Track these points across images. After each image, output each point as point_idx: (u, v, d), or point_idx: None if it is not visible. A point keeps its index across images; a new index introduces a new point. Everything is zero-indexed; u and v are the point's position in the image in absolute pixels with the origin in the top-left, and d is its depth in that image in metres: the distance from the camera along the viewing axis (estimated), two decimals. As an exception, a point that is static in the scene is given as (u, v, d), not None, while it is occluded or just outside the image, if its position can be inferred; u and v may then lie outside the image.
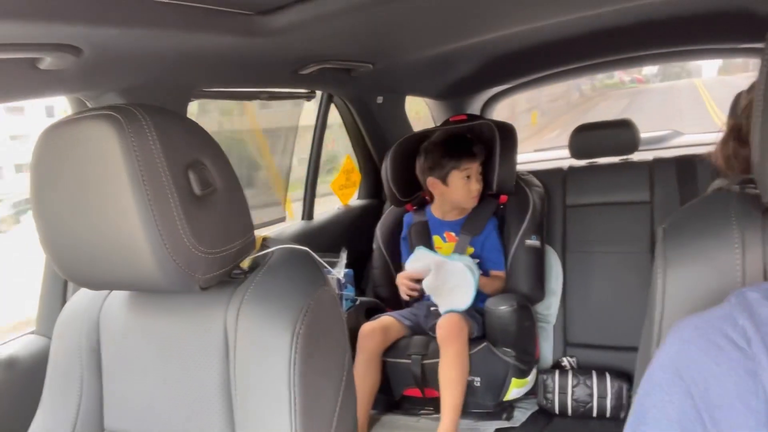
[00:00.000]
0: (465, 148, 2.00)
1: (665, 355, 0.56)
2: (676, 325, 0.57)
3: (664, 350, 0.56)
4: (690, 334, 0.55)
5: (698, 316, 0.56)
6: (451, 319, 1.80)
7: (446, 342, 1.77)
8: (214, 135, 0.80)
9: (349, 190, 2.47)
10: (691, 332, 0.55)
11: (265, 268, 0.83)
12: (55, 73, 1.01)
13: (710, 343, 0.53)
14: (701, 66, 13.72)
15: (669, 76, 14.02)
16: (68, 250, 0.75)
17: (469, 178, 1.99)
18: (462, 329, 1.78)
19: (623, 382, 1.90)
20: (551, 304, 2.13)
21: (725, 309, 0.55)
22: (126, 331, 0.87)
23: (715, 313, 0.56)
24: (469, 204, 2.04)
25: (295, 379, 0.74)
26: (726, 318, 0.54)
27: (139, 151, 0.69)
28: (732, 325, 0.53)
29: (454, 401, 1.73)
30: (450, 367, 1.75)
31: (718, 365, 0.52)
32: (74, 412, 0.89)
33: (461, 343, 1.77)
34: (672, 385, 0.53)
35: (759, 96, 0.60)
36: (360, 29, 1.41)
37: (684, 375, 0.53)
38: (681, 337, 0.55)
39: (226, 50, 1.25)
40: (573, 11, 1.59)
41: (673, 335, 0.56)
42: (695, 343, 0.54)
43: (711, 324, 0.55)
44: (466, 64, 2.25)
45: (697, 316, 0.56)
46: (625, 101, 10.70)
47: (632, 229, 2.09)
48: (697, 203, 0.79)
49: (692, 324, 0.56)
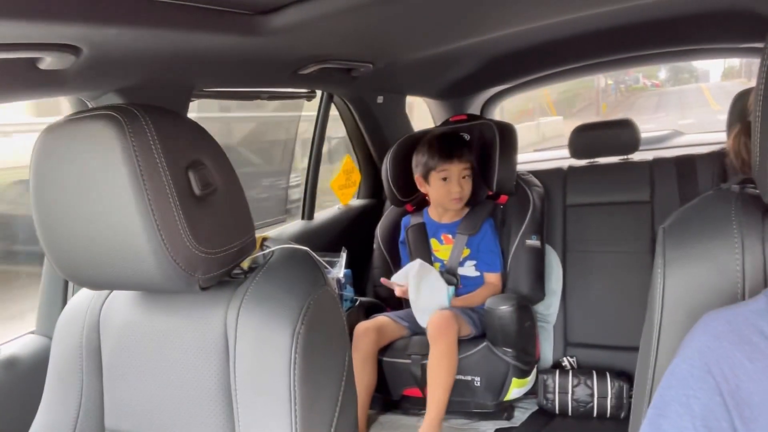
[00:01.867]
0: (443, 150, 1.98)
1: (692, 349, 0.53)
2: (706, 318, 0.54)
3: (691, 343, 0.53)
4: (722, 329, 0.52)
5: (730, 309, 0.53)
6: (441, 317, 1.81)
7: (435, 339, 1.78)
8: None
9: (349, 190, 2.47)
10: (723, 326, 0.52)
11: (265, 268, 0.83)
12: (55, 73, 1.01)
13: (743, 338, 0.51)
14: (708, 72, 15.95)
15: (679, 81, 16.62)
16: (68, 250, 0.75)
17: (445, 180, 1.98)
18: (451, 326, 1.78)
19: (624, 382, 1.90)
20: (551, 303, 2.13)
21: (760, 303, 0.52)
22: (126, 331, 0.87)
23: (749, 307, 0.53)
24: (449, 206, 2.03)
25: (296, 378, 0.74)
26: (761, 313, 0.52)
27: (139, 151, 0.69)
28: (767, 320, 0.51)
29: (439, 397, 1.74)
30: (437, 364, 1.76)
31: (751, 362, 0.49)
32: (75, 412, 0.89)
33: (450, 340, 1.77)
34: (699, 380, 0.51)
35: (758, 96, 0.60)
36: (360, 29, 1.41)
37: (714, 370, 0.50)
38: (711, 331, 0.52)
39: (227, 50, 1.25)
40: (573, 11, 1.59)
41: (703, 328, 0.53)
42: (727, 338, 0.51)
43: (745, 318, 0.52)
44: (466, 63, 2.25)
45: (728, 310, 0.53)
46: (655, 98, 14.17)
47: (632, 229, 2.09)
48: (697, 203, 0.79)
49: (724, 318, 0.53)
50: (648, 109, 12.66)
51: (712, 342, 0.52)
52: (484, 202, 2.10)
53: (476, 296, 1.98)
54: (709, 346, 0.52)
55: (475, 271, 2.04)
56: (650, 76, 15.59)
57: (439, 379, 1.75)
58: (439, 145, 2.00)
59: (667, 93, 14.65)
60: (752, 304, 0.53)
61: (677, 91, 14.62)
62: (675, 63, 8.03)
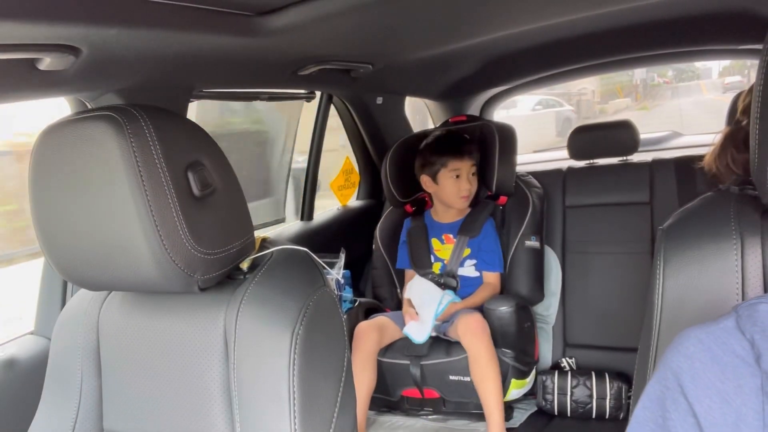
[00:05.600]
0: (454, 147, 2.01)
1: (666, 370, 0.52)
2: (678, 338, 0.54)
3: (665, 364, 0.53)
4: (693, 349, 0.51)
5: (701, 328, 0.53)
6: (472, 318, 1.79)
7: (473, 341, 1.76)
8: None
9: (349, 191, 2.47)
10: (694, 346, 0.51)
11: (264, 268, 0.83)
12: (54, 73, 1.01)
13: (714, 358, 0.50)
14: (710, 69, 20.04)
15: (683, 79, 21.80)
16: (67, 250, 0.75)
17: (458, 177, 1.99)
18: (485, 326, 1.78)
19: (623, 383, 1.90)
20: (551, 304, 2.13)
21: (731, 321, 0.52)
22: (125, 332, 0.87)
23: (720, 326, 0.52)
24: (458, 204, 2.04)
25: (295, 379, 0.74)
26: (732, 331, 0.51)
27: (138, 152, 0.69)
28: (738, 339, 0.50)
29: (494, 399, 1.73)
30: (483, 365, 1.74)
31: (722, 383, 0.49)
32: (73, 413, 0.89)
33: (487, 339, 1.76)
34: (673, 402, 0.50)
35: (756, 98, 0.60)
36: (359, 30, 1.41)
37: (688, 392, 0.50)
38: (684, 352, 0.52)
39: (226, 51, 1.25)
40: (572, 12, 1.59)
41: (676, 348, 0.53)
42: (698, 358, 0.51)
43: (716, 337, 0.51)
44: (465, 65, 2.25)
45: (700, 329, 0.53)
46: (669, 91, 19.74)
47: (631, 230, 2.09)
48: (696, 204, 0.79)
49: (696, 337, 0.52)
50: (665, 97, 18.59)
51: (684, 362, 0.51)
52: (485, 203, 2.10)
53: (476, 298, 1.98)
54: (681, 367, 0.51)
55: (474, 271, 2.04)
56: (662, 75, 20.92)
57: (488, 382, 1.73)
58: (449, 144, 2.02)
59: (676, 87, 20.19)
60: (723, 321, 0.52)
61: (683, 86, 20.16)
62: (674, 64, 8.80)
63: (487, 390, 1.73)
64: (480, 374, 1.74)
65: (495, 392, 1.73)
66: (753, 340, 0.49)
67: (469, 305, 1.96)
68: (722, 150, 0.97)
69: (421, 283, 1.99)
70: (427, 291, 1.95)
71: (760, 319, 0.50)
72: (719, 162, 0.97)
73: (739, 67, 15.51)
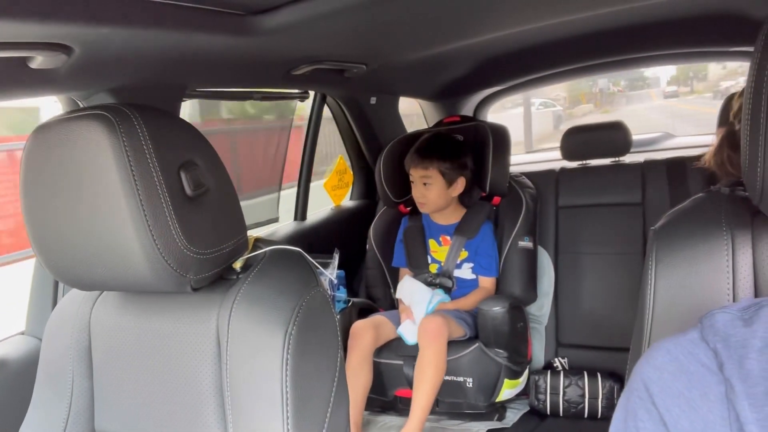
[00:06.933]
0: (414, 153, 2.03)
1: (638, 381, 0.54)
2: (650, 350, 0.56)
3: (637, 375, 0.55)
4: (662, 360, 0.53)
5: (671, 340, 0.55)
6: (433, 322, 1.80)
7: (425, 343, 1.78)
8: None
9: (342, 191, 2.47)
10: (663, 357, 0.53)
11: (257, 268, 0.83)
12: (46, 72, 1.01)
13: (682, 368, 0.52)
14: (658, 78, 23.99)
15: (635, 87, 24.69)
16: (59, 250, 0.75)
17: (413, 183, 2.03)
18: (442, 332, 1.78)
19: (615, 382, 1.91)
20: (543, 304, 2.14)
21: (697, 332, 0.54)
22: (117, 332, 0.86)
23: (687, 337, 0.54)
24: (420, 208, 2.07)
25: (288, 379, 0.74)
26: (697, 342, 0.53)
27: (130, 151, 0.68)
28: (703, 349, 0.52)
29: (424, 401, 1.74)
30: (424, 369, 1.76)
31: (689, 391, 0.50)
32: (65, 413, 0.88)
33: (439, 347, 1.77)
34: (646, 411, 0.52)
35: (747, 100, 0.61)
36: (353, 30, 1.41)
37: (657, 402, 0.51)
38: (653, 363, 0.54)
39: (219, 50, 1.24)
40: (565, 14, 1.60)
41: (646, 359, 0.55)
42: (667, 369, 0.52)
43: (683, 348, 0.53)
44: (459, 65, 2.25)
45: (669, 341, 0.55)
46: (624, 99, 22.68)
47: (624, 231, 2.10)
48: (687, 205, 0.79)
49: (665, 348, 0.54)
50: (621, 104, 21.51)
51: (653, 373, 0.53)
52: (481, 204, 2.11)
53: (468, 300, 1.99)
54: (651, 378, 0.53)
55: (471, 274, 2.04)
56: (616, 84, 23.40)
57: (425, 384, 1.75)
58: (415, 149, 2.04)
59: (629, 95, 23.25)
60: (690, 333, 0.54)
61: (635, 94, 23.40)
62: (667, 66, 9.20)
63: (421, 390, 1.75)
64: (420, 375, 1.76)
65: (427, 395, 1.74)
66: (716, 349, 0.51)
67: (460, 306, 1.96)
68: (719, 150, 0.99)
69: (411, 283, 1.99)
70: (417, 291, 1.95)
71: (720, 329, 0.52)
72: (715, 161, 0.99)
73: (683, 78, 22.30)
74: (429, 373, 1.75)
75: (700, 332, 0.53)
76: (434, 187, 2.00)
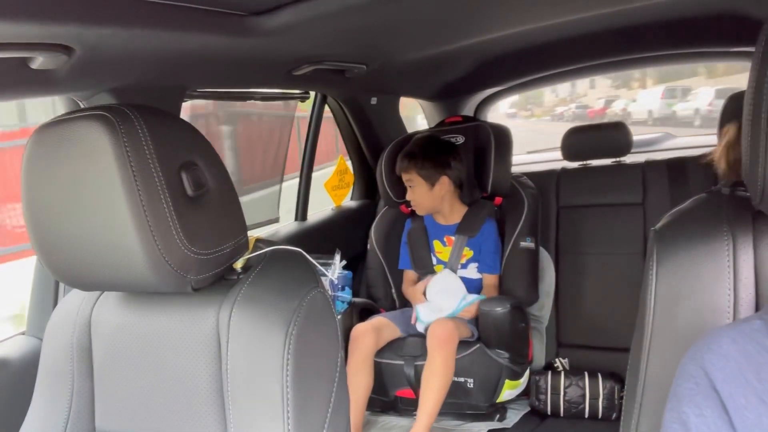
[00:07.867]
0: (398, 157, 2.04)
1: (697, 367, 0.52)
2: (709, 337, 0.54)
3: (695, 361, 0.53)
4: (728, 348, 0.52)
5: (733, 328, 0.53)
6: (444, 327, 1.80)
7: (434, 349, 1.77)
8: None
9: (343, 191, 2.47)
10: (729, 346, 0.52)
11: (258, 269, 0.83)
12: (46, 72, 1.01)
13: (750, 358, 0.50)
14: (497, 105, 25.13)
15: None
16: (60, 250, 0.75)
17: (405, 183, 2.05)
18: (453, 338, 1.78)
19: (615, 383, 1.91)
20: (544, 305, 2.14)
21: (756, 323, 0.52)
22: (118, 332, 0.86)
23: (752, 326, 0.52)
24: (416, 210, 2.08)
25: (288, 379, 0.74)
26: (762, 331, 0.51)
27: (131, 152, 0.68)
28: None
29: (430, 407, 1.73)
30: (434, 373, 1.75)
31: (759, 383, 0.49)
32: (65, 413, 0.88)
33: (449, 353, 1.77)
34: (706, 398, 0.50)
35: (748, 100, 0.61)
36: (354, 30, 1.41)
37: (720, 388, 0.50)
38: (718, 350, 0.52)
39: (220, 51, 1.24)
40: (566, 14, 1.60)
41: (707, 347, 0.53)
42: (734, 357, 0.51)
43: (750, 337, 0.51)
44: (460, 65, 2.25)
45: (731, 329, 0.53)
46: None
47: (624, 231, 2.10)
48: (688, 205, 0.79)
49: (729, 337, 0.53)
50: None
51: (718, 361, 0.52)
52: (482, 202, 2.10)
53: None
54: (714, 365, 0.51)
55: (477, 274, 2.04)
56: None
57: (433, 389, 1.74)
58: (405, 150, 2.05)
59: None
60: (755, 321, 0.53)
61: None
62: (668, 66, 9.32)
63: (428, 396, 1.75)
64: (428, 380, 1.76)
65: (434, 401, 1.74)
66: None
67: (475, 315, 1.95)
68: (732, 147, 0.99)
69: (449, 277, 2.01)
70: (453, 285, 1.97)
71: None
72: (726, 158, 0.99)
73: (523, 103, 23.93)
74: (437, 379, 1.75)
75: (764, 322, 0.52)
76: (417, 189, 2.01)
